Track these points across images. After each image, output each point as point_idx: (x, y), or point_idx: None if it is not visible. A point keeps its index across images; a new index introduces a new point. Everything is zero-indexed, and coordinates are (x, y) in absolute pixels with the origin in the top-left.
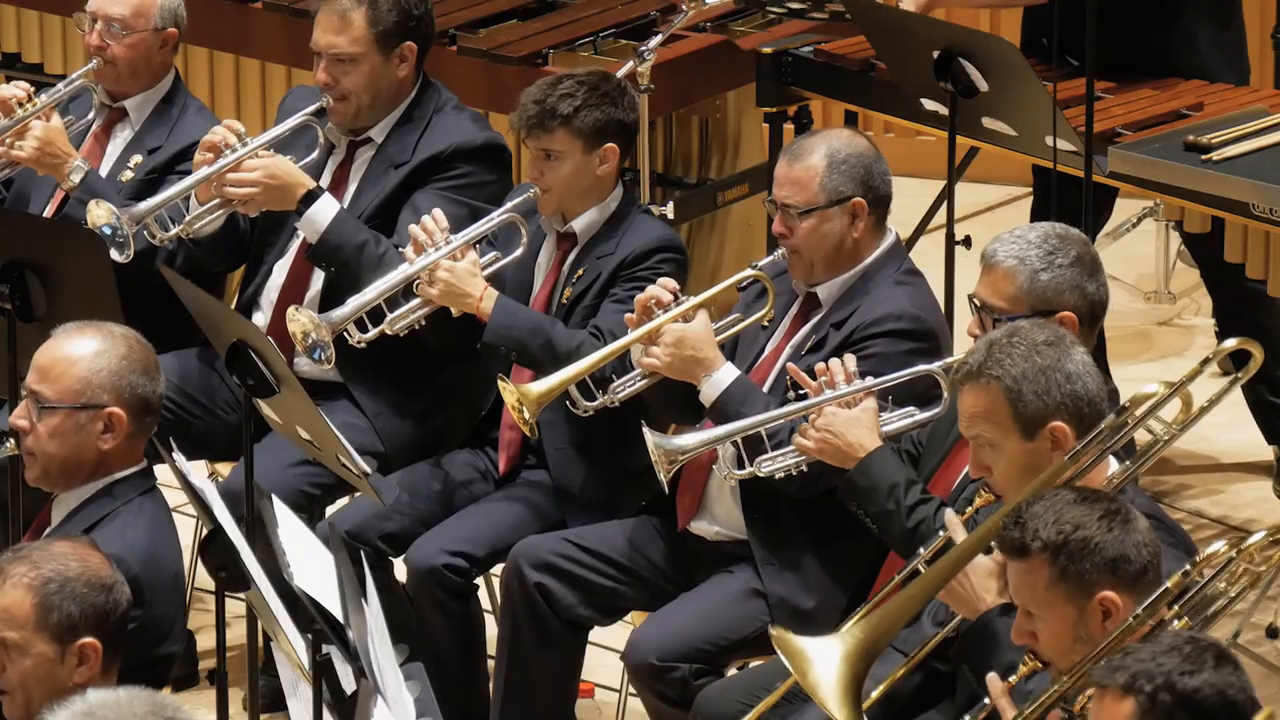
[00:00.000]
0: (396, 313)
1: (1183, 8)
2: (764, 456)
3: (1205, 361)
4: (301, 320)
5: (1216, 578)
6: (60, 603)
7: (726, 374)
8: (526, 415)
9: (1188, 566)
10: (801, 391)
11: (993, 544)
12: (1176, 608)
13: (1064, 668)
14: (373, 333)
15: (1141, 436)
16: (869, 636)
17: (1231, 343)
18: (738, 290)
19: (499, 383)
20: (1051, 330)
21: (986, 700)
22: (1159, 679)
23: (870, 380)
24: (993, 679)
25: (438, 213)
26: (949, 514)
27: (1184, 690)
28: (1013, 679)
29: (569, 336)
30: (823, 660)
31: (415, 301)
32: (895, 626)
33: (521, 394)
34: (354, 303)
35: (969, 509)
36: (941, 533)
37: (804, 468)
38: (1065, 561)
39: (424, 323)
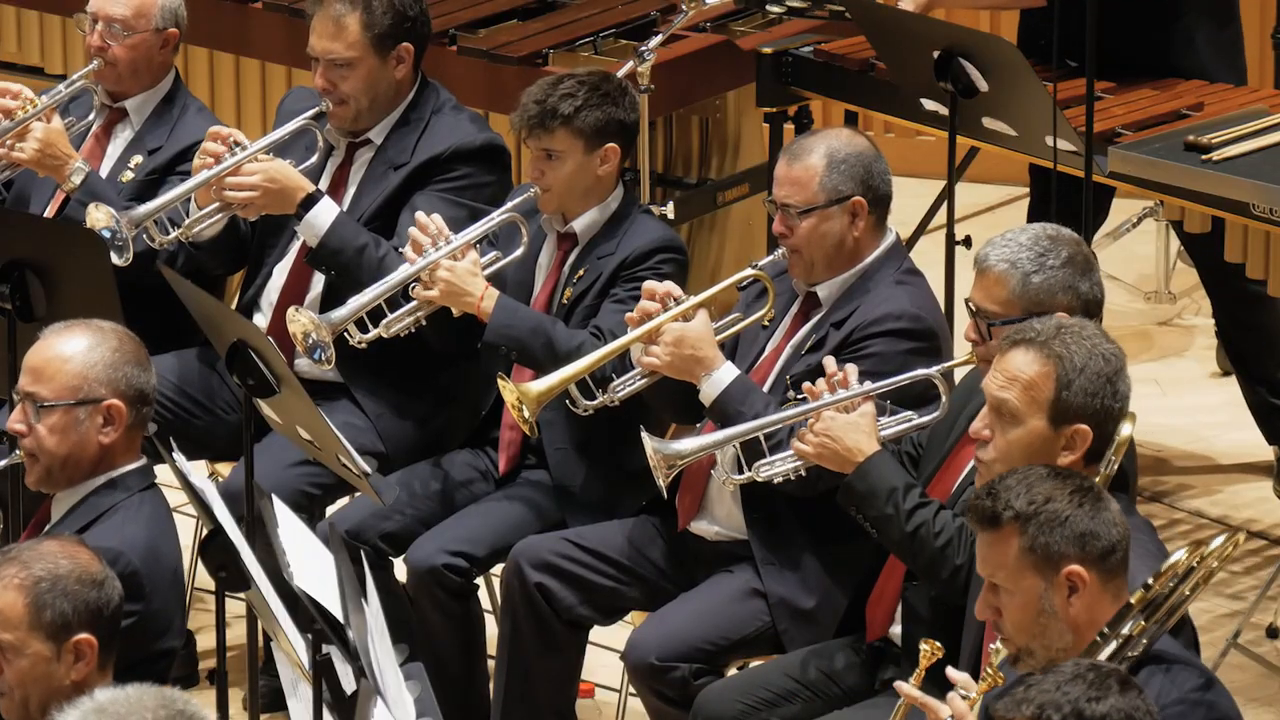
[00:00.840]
0: (397, 313)
1: (1182, 8)
2: (762, 461)
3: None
4: (302, 321)
5: (1180, 586)
6: (53, 601)
7: (726, 373)
8: (526, 414)
9: (1150, 580)
10: (801, 396)
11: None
12: (1142, 622)
13: (1022, 645)
14: (373, 333)
15: None
16: None
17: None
18: (738, 290)
19: (499, 382)
20: (1116, 346)
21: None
22: (1066, 707)
23: (868, 384)
24: (953, 698)
25: (436, 216)
26: (899, 685)
27: (1091, 717)
28: (974, 695)
29: (570, 336)
30: None
31: (416, 301)
32: None
33: (521, 393)
34: (354, 303)
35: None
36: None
37: (802, 472)
38: (1035, 531)
39: (425, 323)
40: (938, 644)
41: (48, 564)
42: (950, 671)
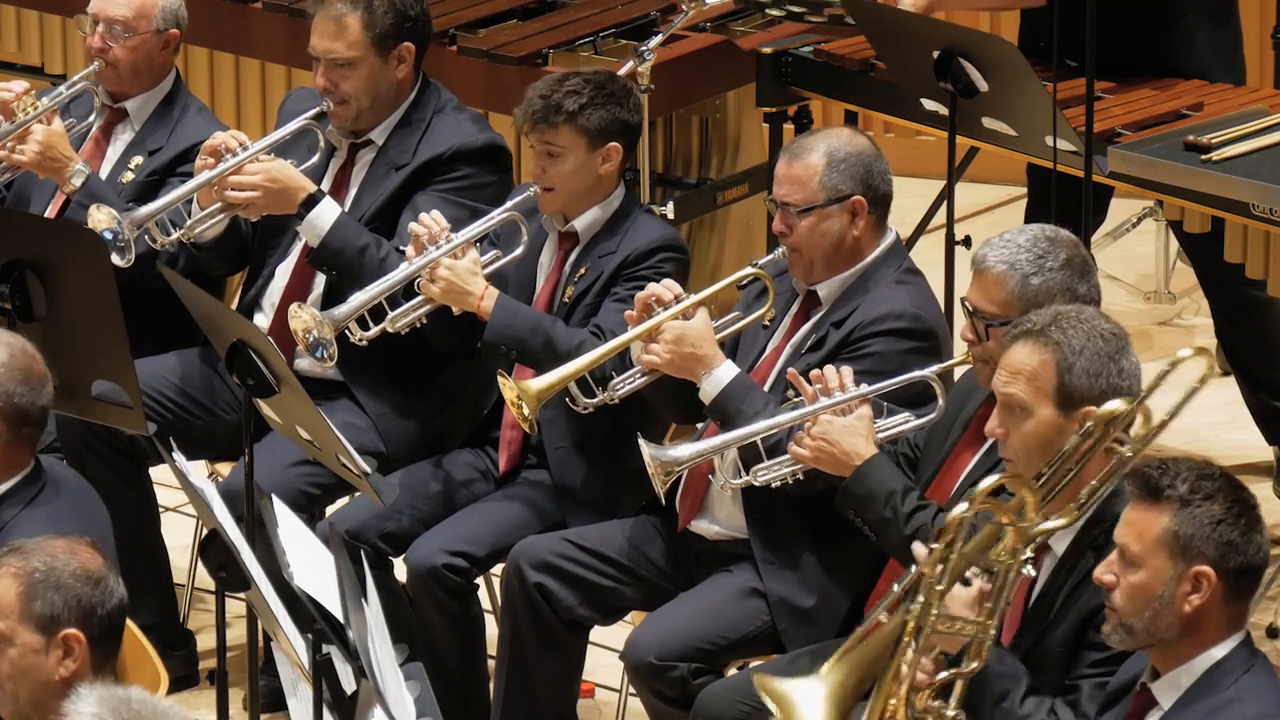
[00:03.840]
0: (398, 310)
1: (1181, 8)
2: (760, 466)
3: (1164, 375)
4: (303, 317)
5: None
6: (44, 592)
7: (726, 372)
8: (526, 412)
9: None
10: (799, 399)
11: (970, 574)
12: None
13: (1127, 620)
14: (374, 330)
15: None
16: (850, 675)
17: (1187, 351)
18: (738, 289)
19: (499, 379)
20: (1117, 325)
21: None
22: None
23: (865, 387)
24: None
25: (436, 213)
26: (916, 546)
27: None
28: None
29: (569, 336)
30: (808, 703)
31: (417, 300)
32: (877, 663)
33: (521, 390)
34: (356, 300)
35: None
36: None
37: (800, 476)
38: (1185, 518)
39: (425, 321)
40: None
41: (46, 557)
42: (916, 546)
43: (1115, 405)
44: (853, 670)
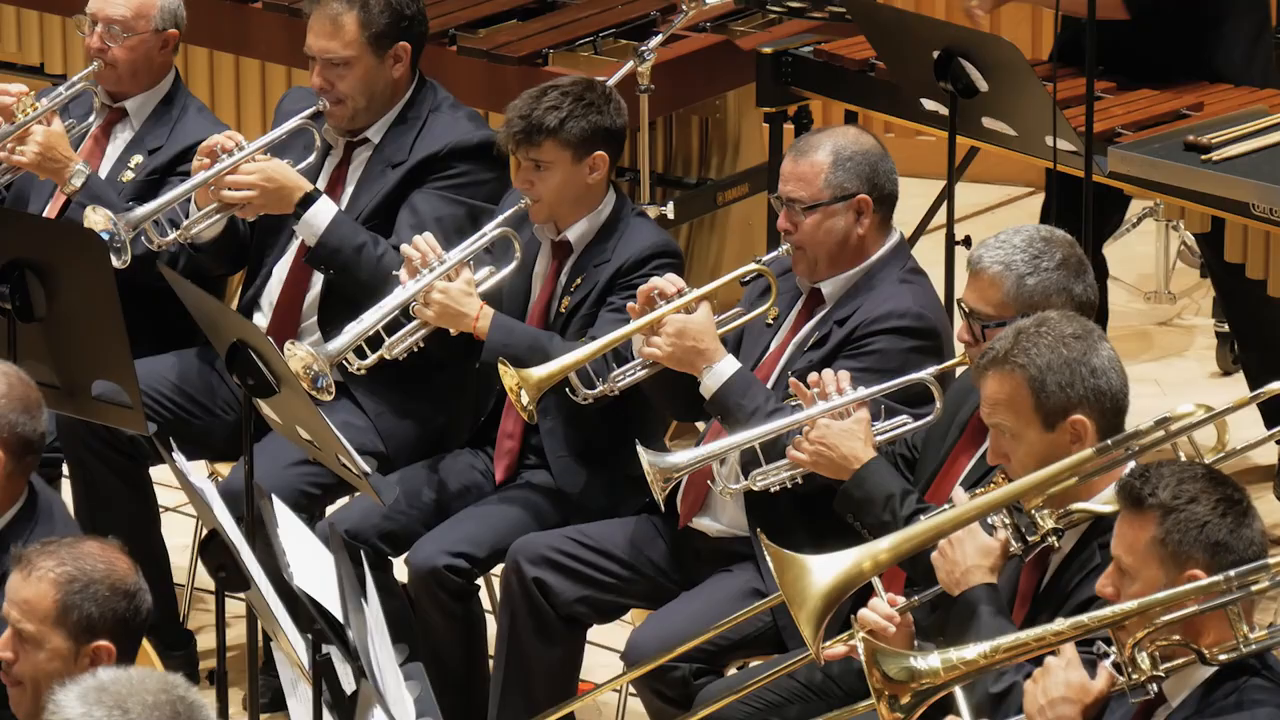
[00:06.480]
0: (394, 337)
1: (1222, 13)
2: (758, 470)
3: (1255, 397)
4: (300, 355)
5: None
6: (81, 603)
7: (727, 366)
8: (525, 400)
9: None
10: (797, 403)
11: (998, 523)
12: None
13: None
14: (371, 359)
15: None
16: (856, 570)
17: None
18: (741, 285)
19: (499, 367)
20: (1080, 323)
21: None
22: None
23: (862, 390)
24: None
25: (428, 235)
26: (958, 491)
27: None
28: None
29: (566, 350)
30: (807, 578)
31: (413, 324)
32: (879, 568)
33: (521, 378)
34: (352, 331)
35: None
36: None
37: (799, 479)
38: (1170, 526)
39: (423, 344)
40: None
41: (84, 564)
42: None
43: (1188, 409)
44: (860, 565)
